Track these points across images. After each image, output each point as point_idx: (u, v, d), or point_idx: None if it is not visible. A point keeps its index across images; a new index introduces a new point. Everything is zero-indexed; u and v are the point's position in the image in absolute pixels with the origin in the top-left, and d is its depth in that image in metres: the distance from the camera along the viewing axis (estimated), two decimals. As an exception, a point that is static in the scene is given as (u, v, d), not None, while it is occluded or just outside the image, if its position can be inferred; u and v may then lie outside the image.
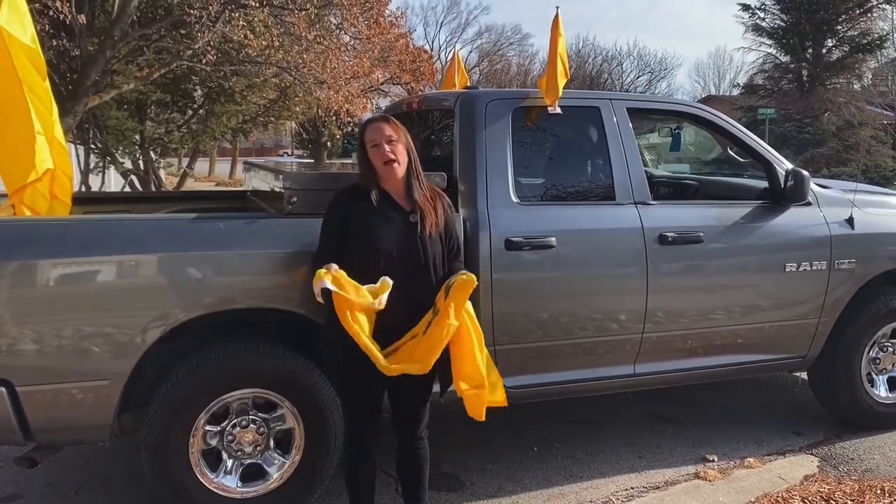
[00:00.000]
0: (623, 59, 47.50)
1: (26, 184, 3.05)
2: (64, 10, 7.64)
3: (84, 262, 2.91)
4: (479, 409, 2.81)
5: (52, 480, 3.80)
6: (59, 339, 2.87)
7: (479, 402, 2.81)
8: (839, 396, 4.36)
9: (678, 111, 4.42)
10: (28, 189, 3.08)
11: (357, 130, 18.10)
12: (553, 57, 3.70)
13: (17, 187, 3.07)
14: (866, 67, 29.53)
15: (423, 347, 2.73)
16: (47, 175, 3.16)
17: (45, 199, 3.20)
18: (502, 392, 2.90)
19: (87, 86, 8.37)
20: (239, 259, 3.09)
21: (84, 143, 11.83)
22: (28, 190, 3.08)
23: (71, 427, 3.00)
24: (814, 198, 4.16)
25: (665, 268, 3.78)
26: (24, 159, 3.04)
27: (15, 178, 3.06)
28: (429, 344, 2.72)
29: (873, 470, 3.96)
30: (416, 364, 2.72)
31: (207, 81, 11.77)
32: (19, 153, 3.05)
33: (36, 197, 3.14)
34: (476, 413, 2.82)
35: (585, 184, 3.93)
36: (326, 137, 26.64)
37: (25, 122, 3.04)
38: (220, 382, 3.12)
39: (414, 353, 2.73)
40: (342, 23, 12.64)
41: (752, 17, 28.39)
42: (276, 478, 3.24)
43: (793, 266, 4.03)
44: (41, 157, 3.08)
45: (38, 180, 3.09)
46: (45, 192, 3.19)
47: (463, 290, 2.73)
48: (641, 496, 3.66)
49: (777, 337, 4.11)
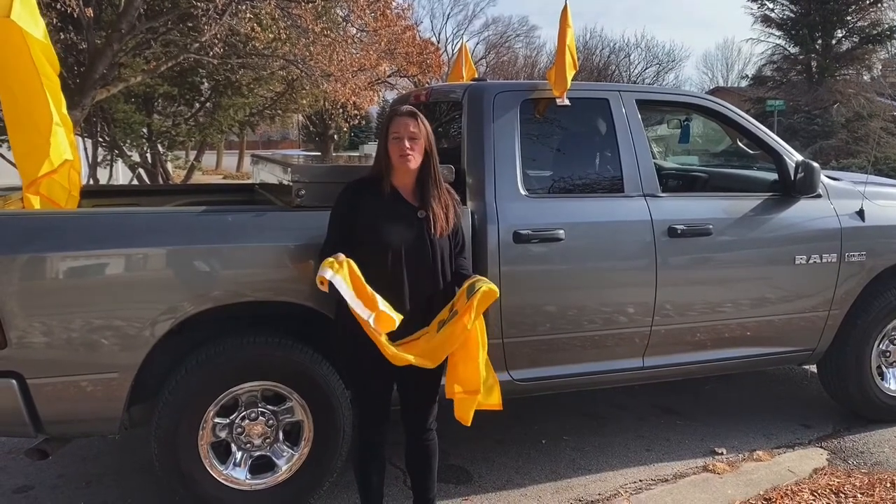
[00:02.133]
0: (631, 51, 47.28)
1: (40, 175, 3.06)
2: (71, 4, 7.63)
3: (93, 255, 2.92)
4: (468, 413, 2.80)
5: (64, 472, 3.82)
6: (68, 332, 2.88)
7: (469, 406, 2.80)
8: (849, 389, 4.34)
9: (687, 103, 4.40)
10: (45, 180, 3.09)
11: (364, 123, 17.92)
12: (562, 48, 3.68)
13: (33, 179, 3.08)
14: (876, 58, 29.31)
15: (435, 344, 2.72)
16: (65, 166, 3.17)
17: (63, 190, 3.22)
18: (498, 395, 2.88)
19: (95, 79, 8.36)
20: (248, 252, 3.09)
21: (92, 137, 11.84)
22: (45, 181, 3.10)
23: (81, 419, 3.01)
24: (824, 190, 4.13)
25: (674, 260, 3.76)
26: (41, 151, 3.06)
27: (32, 170, 3.07)
28: (441, 342, 2.72)
29: (883, 463, 3.95)
30: (425, 359, 2.72)
31: (214, 74, 11.75)
32: (38, 145, 3.06)
33: (54, 187, 3.16)
34: (464, 417, 2.80)
35: (594, 176, 3.92)
36: (333, 130, 26.62)
37: (44, 115, 3.06)
38: (230, 375, 3.13)
39: (424, 349, 2.73)
40: (349, 15, 12.60)
41: (760, 8, 28.23)
42: (284, 470, 3.25)
43: (802, 259, 4.01)
44: (59, 149, 3.10)
45: (55, 171, 3.10)
46: (64, 182, 3.21)
47: (486, 300, 2.72)
48: (650, 489, 3.66)
49: (786, 330, 4.09)
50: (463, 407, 2.80)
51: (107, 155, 12.59)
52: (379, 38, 12.40)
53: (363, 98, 12.36)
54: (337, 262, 2.62)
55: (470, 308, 2.69)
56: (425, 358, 2.72)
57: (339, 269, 2.61)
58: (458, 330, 2.69)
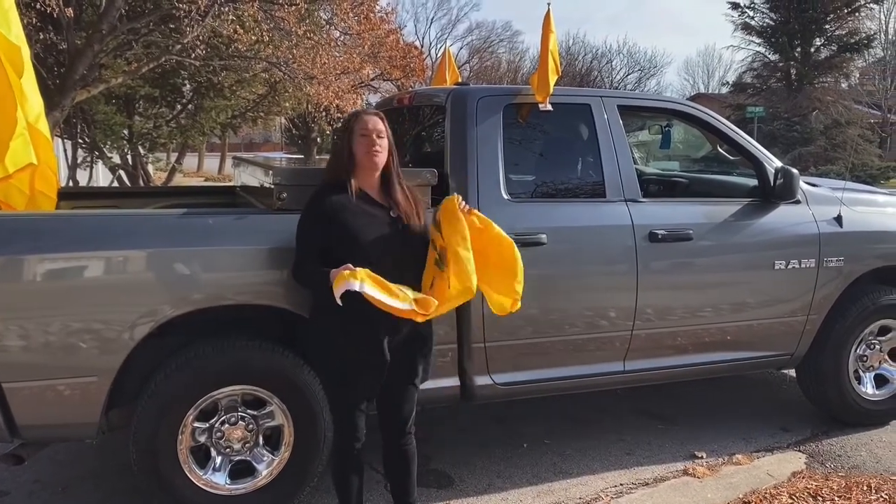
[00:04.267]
0: (613, 57, 47.61)
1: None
2: (51, 4, 7.56)
3: (72, 257, 2.89)
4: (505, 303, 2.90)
5: (40, 477, 3.77)
6: (46, 336, 2.85)
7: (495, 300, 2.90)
8: (827, 393, 4.38)
9: (668, 108, 4.43)
10: (1, 185, 3.05)
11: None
12: (544, 54, 3.69)
13: None
14: (854, 66, 29.78)
15: (455, 273, 2.73)
16: (27, 171, 3.13)
17: (22, 195, 3.18)
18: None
19: (75, 80, 8.28)
20: (228, 255, 3.07)
21: (72, 138, 11.73)
22: (1, 186, 3.05)
23: (58, 424, 2.97)
24: (803, 196, 4.18)
25: (655, 265, 3.78)
26: None
27: None
28: (455, 271, 2.73)
29: (860, 466, 3.99)
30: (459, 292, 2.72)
31: (196, 76, 11.69)
32: None
33: (11, 192, 3.12)
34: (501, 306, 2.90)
35: (576, 181, 3.94)
36: (316, 133, 26.52)
37: (9, 121, 3.01)
38: (209, 379, 3.11)
39: (447, 290, 2.72)
40: (332, 18, 12.58)
41: (741, 16, 28.58)
42: (265, 475, 3.23)
43: (782, 264, 4.04)
44: (18, 155, 3.04)
45: (10, 177, 3.05)
46: (22, 187, 3.17)
47: (448, 212, 2.80)
48: (630, 492, 3.67)
49: (766, 334, 4.12)
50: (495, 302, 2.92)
51: (87, 156, 12.47)
52: (362, 42, 12.39)
53: (346, 101, 12.33)
54: (351, 273, 2.59)
55: (448, 233, 2.76)
56: (461, 287, 2.72)
57: (357, 276, 2.59)
58: (458, 258, 2.73)
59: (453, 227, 2.79)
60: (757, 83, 29.17)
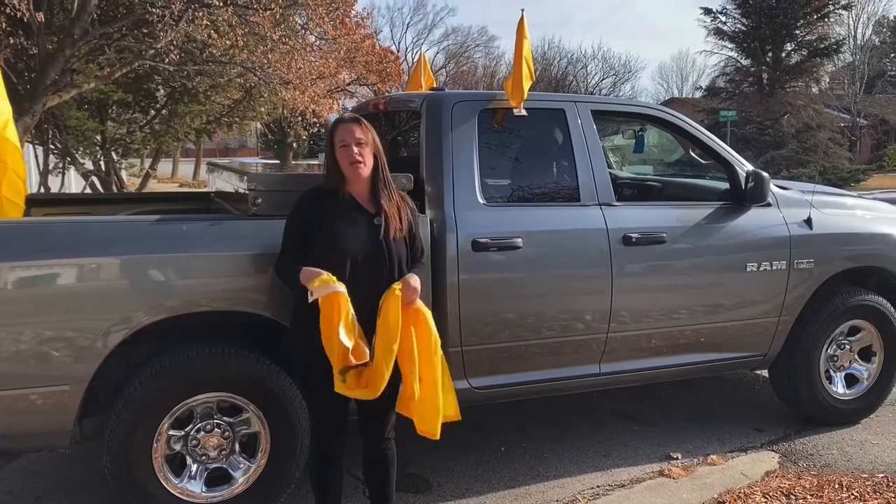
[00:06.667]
0: (588, 62, 48.08)
1: None
2: (21, 8, 7.46)
3: (43, 265, 2.86)
4: (434, 426, 2.80)
5: (12, 488, 3.71)
6: (17, 344, 2.81)
7: (433, 418, 2.80)
8: (799, 393, 4.45)
9: (642, 113, 4.48)
10: None
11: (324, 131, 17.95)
12: (518, 59, 3.72)
13: None
14: (824, 71, 30.30)
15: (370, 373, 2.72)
16: None
17: None
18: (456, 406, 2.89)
19: (47, 85, 8.18)
20: (203, 261, 3.06)
21: (43, 144, 11.57)
22: None
23: (30, 434, 2.94)
24: (773, 199, 4.24)
25: (629, 268, 3.82)
26: None
27: None
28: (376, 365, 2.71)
29: (831, 465, 4.05)
30: (364, 391, 2.72)
31: (170, 81, 11.60)
32: None
33: None
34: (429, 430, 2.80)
35: (551, 185, 3.96)
36: (292, 138, 26.43)
37: None
38: (184, 386, 3.08)
39: (361, 380, 2.73)
40: (308, 23, 12.55)
41: (713, 21, 28.95)
42: (241, 482, 3.20)
43: (753, 266, 4.10)
44: None
45: None
46: None
47: (388, 305, 2.71)
48: (607, 494, 3.70)
49: (739, 336, 4.18)
50: (426, 420, 2.80)
51: (59, 163, 12.30)
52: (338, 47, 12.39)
53: (322, 106, 12.32)
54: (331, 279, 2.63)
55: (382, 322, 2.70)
56: (365, 389, 2.72)
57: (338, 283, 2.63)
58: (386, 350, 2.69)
59: (386, 322, 2.72)
60: (730, 87, 29.56)
